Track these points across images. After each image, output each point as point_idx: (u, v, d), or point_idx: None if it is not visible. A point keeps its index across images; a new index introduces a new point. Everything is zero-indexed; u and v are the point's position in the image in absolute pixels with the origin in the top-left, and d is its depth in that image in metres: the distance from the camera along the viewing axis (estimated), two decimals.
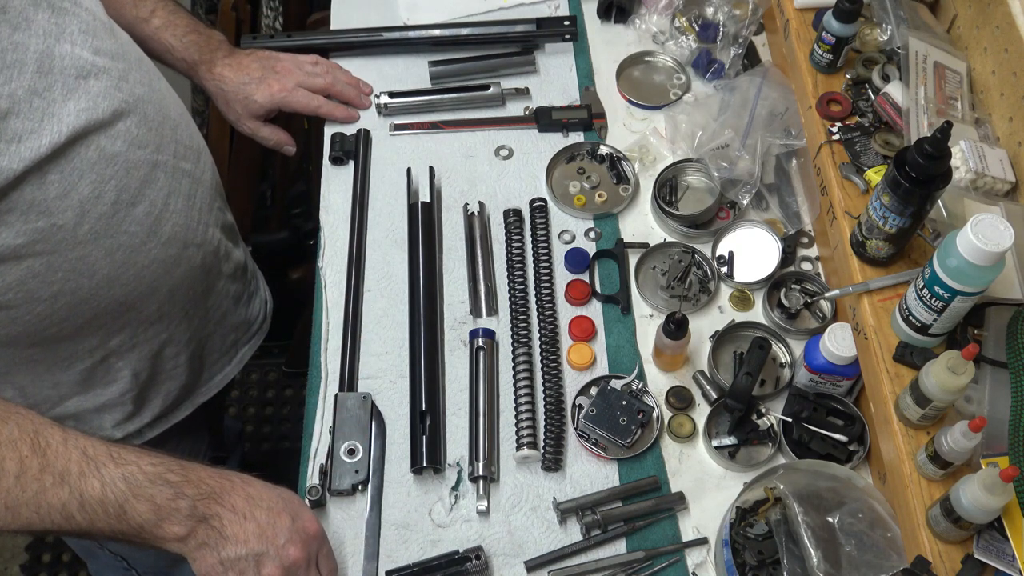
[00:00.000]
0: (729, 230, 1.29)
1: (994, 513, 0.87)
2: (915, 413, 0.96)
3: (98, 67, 0.99)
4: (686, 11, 1.48)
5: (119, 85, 1.01)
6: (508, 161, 1.39)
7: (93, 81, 0.97)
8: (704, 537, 1.07)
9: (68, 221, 0.96)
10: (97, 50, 0.99)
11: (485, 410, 1.15)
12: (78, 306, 1.02)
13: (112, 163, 0.99)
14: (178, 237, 1.10)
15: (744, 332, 1.23)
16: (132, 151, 1.01)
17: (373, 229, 1.32)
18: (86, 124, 0.95)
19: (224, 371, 1.34)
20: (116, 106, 0.99)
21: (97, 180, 0.98)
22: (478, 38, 1.48)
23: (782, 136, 1.30)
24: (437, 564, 1.04)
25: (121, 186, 1.00)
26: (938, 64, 1.20)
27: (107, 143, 0.98)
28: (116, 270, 1.03)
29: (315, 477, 1.11)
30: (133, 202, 1.02)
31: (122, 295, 1.06)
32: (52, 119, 0.92)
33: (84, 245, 0.99)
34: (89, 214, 0.98)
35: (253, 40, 1.50)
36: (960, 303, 0.95)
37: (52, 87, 0.93)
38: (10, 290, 0.96)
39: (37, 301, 0.98)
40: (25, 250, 0.94)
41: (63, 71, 0.94)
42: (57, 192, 0.94)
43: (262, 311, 1.42)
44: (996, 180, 1.10)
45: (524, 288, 1.25)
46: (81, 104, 0.95)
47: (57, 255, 0.97)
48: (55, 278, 0.98)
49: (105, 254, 1.01)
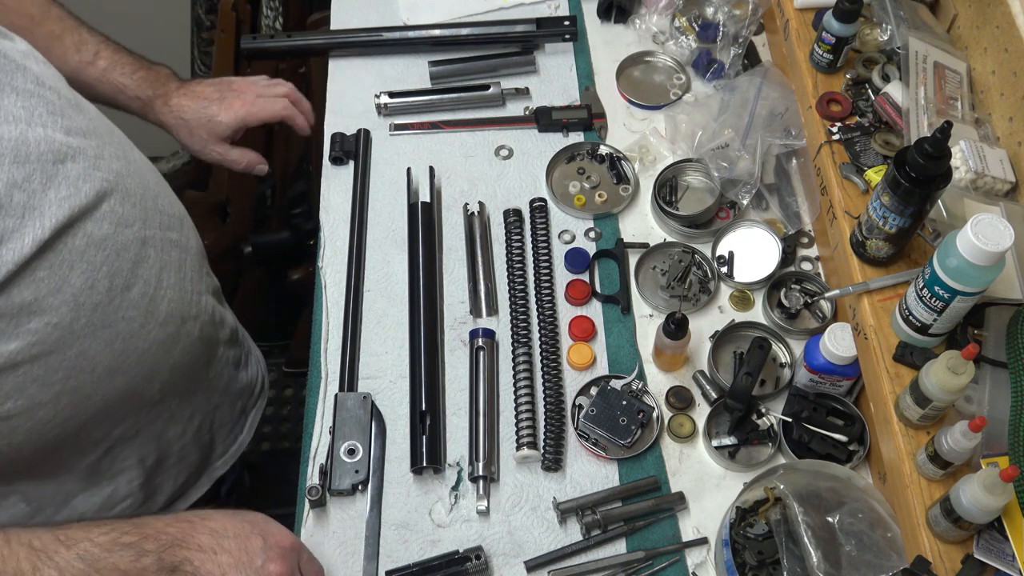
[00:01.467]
0: (729, 230, 1.29)
1: (994, 513, 0.87)
2: (915, 413, 0.96)
3: (73, 148, 0.93)
4: (686, 11, 1.48)
5: (96, 164, 0.95)
6: (508, 161, 1.39)
7: (71, 164, 0.91)
8: (704, 537, 1.07)
9: (63, 318, 0.90)
10: (69, 130, 0.94)
11: (485, 410, 1.15)
12: (80, 403, 0.97)
13: (101, 248, 0.93)
14: (175, 313, 1.05)
15: (744, 332, 1.23)
16: (119, 232, 0.96)
17: (373, 229, 1.32)
18: (70, 213, 0.89)
19: (237, 440, 1.31)
20: (98, 187, 0.94)
21: (88, 269, 0.92)
22: (478, 38, 1.48)
23: (782, 136, 1.30)
24: (437, 564, 1.04)
25: (113, 271, 0.95)
26: (938, 64, 1.20)
27: (93, 228, 0.93)
28: (116, 360, 0.98)
29: (315, 477, 1.11)
30: (127, 285, 0.97)
31: (124, 384, 1.00)
32: (34, 213, 0.86)
33: (82, 340, 0.93)
34: (84, 306, 0.92)
35: (253, 40, 1.50)
36: (960, 303, 0.95)
37: (31, 177, 0.87)
38: (9, 399, 0.89)
39: (38, 407, 0.92)
40: (21, 356, 0.88)
41: (40, 158, 0.88)
42: (49, 289, 0.88)
43: (259, 371, 1.39)
44: (996, 180, 1.10)
45: (524, 288, 1.25)
46: (62, 192, 0.89)
47: (55, 355, 0.91)
48: (55, 379, 0.92)
49: (104, 345, 0.95)
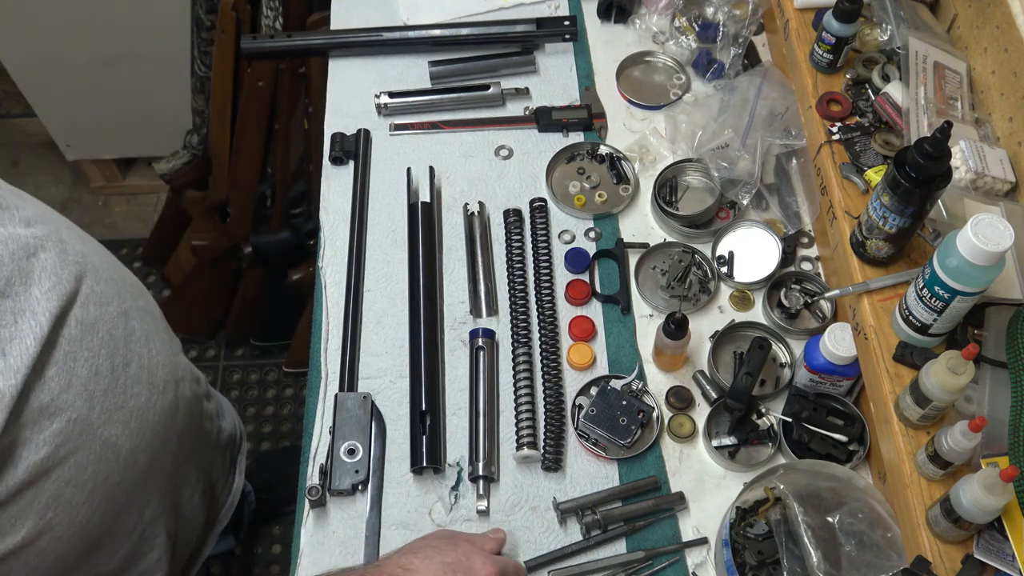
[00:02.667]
0: (729, 230, 1.29)
1: (994, 513, 0.87)
2: (915, 413, 0.96)
3: (39, 238, 0.90)
4: (686, 11, 1.48)
5: (63, 247, 0.93)
6: (508, 161, 1.38)
7: (43, 255, 0.89)
8: (704, 537, 1.07)
9: (80, 411, 0.88)
10: (28, 221, 0.91)
11: (485, 410, 1.15)
12: (113, 494, 0.95)
13: (95, 332, 0.92)
14: (169, 379, 1.05)
15: (744, 332, 1.23)
16: (104, 310, 0.95)
17: (373, 229, 1.32)
18: (59, 303, 0.88)
19: (233, 488, 1.32)
20: (74, 271, 0.92)
21: (90, 356, 0.91)
22: (478, 38, 1.48)
23: (782, 136, 1.30)
24: None
25: (111, 351, 0.94)
26: (938, 64, 1.20)
27: (82, 313, 0.91)
28: (135, 440, 0.97)
29: (315, 477, 1.11)
30: (126, 363, 0.96)
31: (145, 462, 1.00)
32: (26, 315, 0.84)
33: (102, 428, 0.92)
34: (95, 394, 0.91)
35: (253, 40, 1.50)
36: (960, 303, 0.95)
37: (11, 281, 0.84)
38: (48, 509, 0.87)
39: (76, 508, 0.91)
40: (51, 461, 0.86)
41: (12, 257, 0.85)
42: (60, 386, 0.87)
43: (235, 419, 1.39)
44: (996, 180, 1.10)
45: (524, 288, 1.25)
46: (45, 285, 0.87)
47: (81, 452, 0.89)
48: (86, 476, 0.90)
49: (122, 428, 0.95)
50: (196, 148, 2.00)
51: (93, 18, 2.04)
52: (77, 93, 2.22)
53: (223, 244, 2.06)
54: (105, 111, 2.28)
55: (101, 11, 2.02)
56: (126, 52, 2.12)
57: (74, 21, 2.04)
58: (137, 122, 2.33)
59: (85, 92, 2.21)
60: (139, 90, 2.21)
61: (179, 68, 1.98)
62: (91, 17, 2.04)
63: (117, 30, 2.07)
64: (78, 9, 2.02)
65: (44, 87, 2.21)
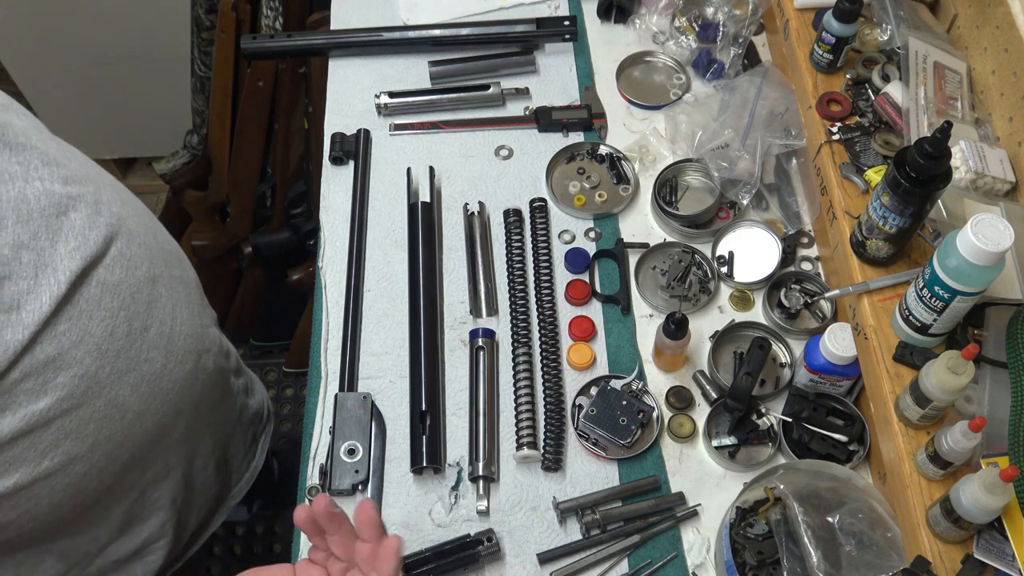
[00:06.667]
0: (729, 230, 1.29)
1: (994, 513, 0.87)
2: (915, 413, 0.96)
3: (73, 197, 0.91)
4: (686, 11, 1.48)
5: (97, 209, 0.94)
6: (508, 161, 1.39)
7: (73, 214, 0.90)
8: (695, 508, 1.08)
9: (89, 368, 0.89)
10: (66, 179, 0.92)
11: (485, 410, 1.15)
12: (114, 452, 0.96)
13: (116, 293, 0.93)
14: (191, 349, 1.05)
15: (744, 332, 1.23)
16: (130, 274, 0.95)
17: (373, 229, 1.32)
18: (82, 263, 0.89)
19: (251, 467, 1.31)
20: (104, 233, 0.93)
21: (106, 316, 0.91)
22: (478, 38, 1.48)
23: (782, 136, 1.30)
24: (449, 548, 1.04)
25: (131, 314, 0.94)
26: (938, 64, 1.20)
27: (106, 274, 0.92)
28: (144, 403, 0.97)
29: (315, 477, 1.11)
30: (145, 327, 0.96)
31: (153, 426, 1.00)
32: (46, 270, 0.85)
33: (109, 388, 0.92)
34: (107, 354, 0.91)
35: (253, 40, 1.50)
36: (960, 303, 0.95)
37: (37, 234, 0.85)
38: (45, 458, 0.88)
39: (75, 461, 0.92)
40: (53, 412, 0.87)
41: (42, 213, 0.87)
42: (71, 341, 0.87)
43: (263, 398, 1.39)
44: (996, 180, 1.10)
45: (524, 288, 1.25)
46: (71, 244, 0.88)
47: (85, 407, 0.90)
48: (88, 431, 0.91)
49: (131, 390, 0.95)
50: (196, 148, 2.00)
51: (93, 18, 2.04)
52: (77, 93, 2.22)
53: (223, 244, 2.06)
54: (105, 111, 2.29)
55: (101, 11, 2.02)
56: (126, 52, 2.12)
57: (74, 21, 2.04)
58: (137, 122, 2.33)
59: (85, 92, 2.22)
60: (139, 90, 2.22)
61: (179, 68, 1.98)
62: (91, 17, 2.04)
63: (117, 30, 2.07)
64: (78, 9, 2.02)
65: (44, 87, 2.21)
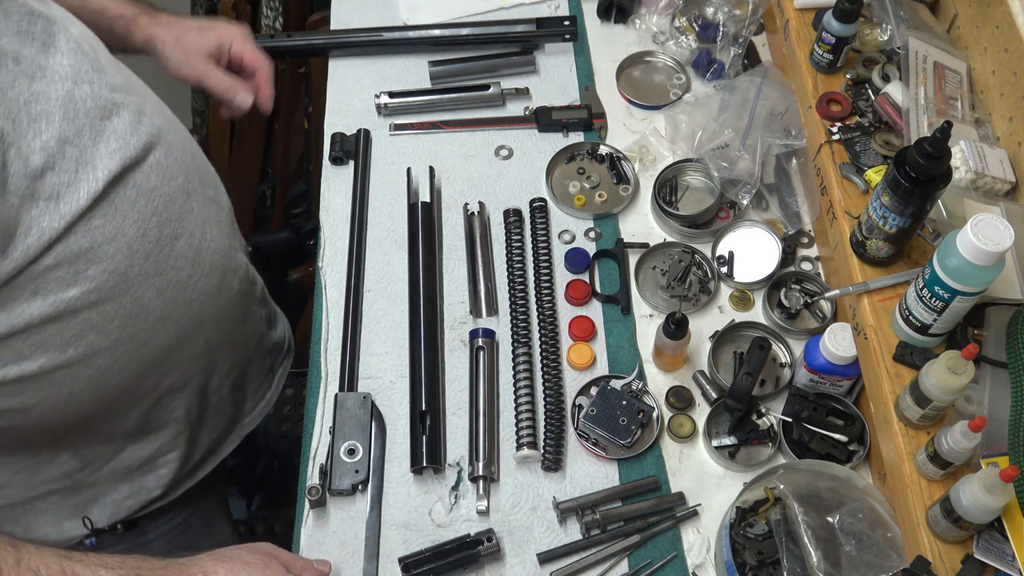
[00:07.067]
0: (729, 230, 1.29)
1: (994, 513, 0.87)
2: (915, 413, 0.96)
3: (118, 103, 0.96)
4: (686, 11, 1.48)
5: (140, 119, 0.98)
6: (508, 161, 1.38)
7: (116, 119, 0.95)
8: (695, 508, 1.08)
9: (119, 265, 0.93)
10: (114, 86, 0.97)
11: (485, 410, 1.15)
12: (136, 351, 1.00)
13: (151, 199, 0.97)
14: (217, 266, 1.08)
15: (744, 332, 1.23)
16: (166, 183, 0.99)
17: (373, 229, 1.32)
18: (121, 164, 0.93)
19: (266, 397, 1.33)
20: (144, 140, 0.97)
21: (140, 218, 0.95)
22: (478, 38, 1.48)
23: (782, 136, 1.30)
24: (450, 548, 1.04)
25: (162, 220, 0.98)
26: (938, 64, 1.20)
27: (143, 179, 0.96)
28: (168, 308, 1.01)
29: (315, 477, 1.11)
30: (175, 235, 1.00)
31: (175, 332, 1.04)
32: (87, 166, 0.90)
33: (136, 287, 0.96)
34: (137, 254, 0.95)
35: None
36: (960, 303, 0.95)
37: (81, 132, 0.90)
38: (70, 346, 0.93)
39: (98, 354, 0.96)
40: (81, 302, 0.91)
41: (88, 113, 0.92)
42: (104, 236, 0.91)
43: (286, 332, 1.41)
44: (996, 180, 1.10)
45: (524, 288, 1.25)
46: (112, 145, 0.93)
47: (112, 302, 0.94)
48: (112, 326, 0.95)
49: (157, 293, 0.99)
50: None
51: None
52: None
53: None
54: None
55: None
56: None
57: None
58: None
59: None
60: None
61: None
62: None
63: None
64: None
65: None
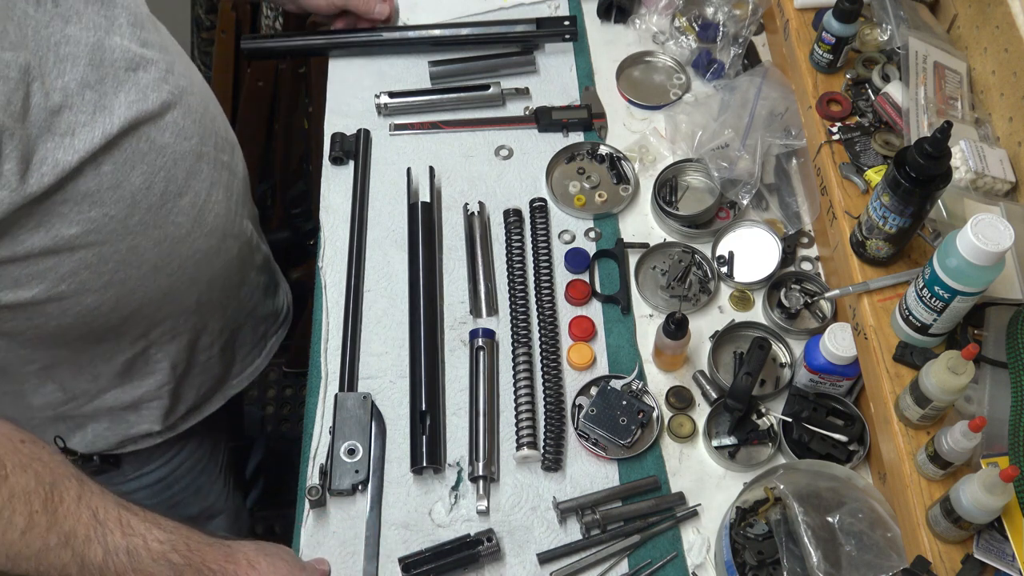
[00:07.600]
0: (729, 230, 1.29)
1: (994, 513, 0.87)
2: (915, 413, 0.96)
3: (146, 59, 1.01)
4: (686, 11, 1.48)
5: (166, 77, 1.03)
6: (508, 161, 1.38)
7: (142, 73, 1.00)
8: (695, 508, 1.08)
9: (120, 212, 0.98)
10: (145, 42, 1.02)
11: (485, 410, 1.15)
12: (125, 296, 1.04)
13: (161, 154, 1.01)
14: (219, 228, 1.12)
15: (744, 332, 1.23)
16: (179, 142, 1.04)
17: (373, 229, 1.32)
18: (137, 115, 0.97)
19: (255, 363, 1.37)
20: (164, 98, 1.02)
21: (148, 171, 1.00)
22: (478, 38, 1.48)
23: (782, 136, 1.30)
24: (450, 548, 1.04)
25: (169, 177, 1.02)
26: (938, 64, 1.20)
27: (156, 134, 1.00)
28: (163, 260, 1.05)
29: (315, 477, 1.11)
30: (180, 193, 1.04)
31: (167, 285, 1.08)
32: (104, 111, 0.94)
33: (134, 236, 1.01)
34: (139, 205, 1.00)
35: (253, 40, 1.50)
36: (960, 303, 0.95)
37: (104, 80, 0.95)
38: (63, 281, 0.97)
39: (88, 292, 1.00)
40: (79, 240, 0.96)
41: (113, 64, 0.96)
42: (110, 183, 0.96)
43: (285, 302, 1.45)
44: (996, 180, 1.10)
45: (524, 288, 1.25)
46: (131, 96, 0.97)
47: (108, 246, 0.99)
48: (106, 268, 1.00)
49: (153, 244, 1.03)
50: None
51: None
52: None
53: None
54: None
55: None
56: None
57: None
58: None
59: None
60: None
61: None
62: None
63: None
64: None
65: None
